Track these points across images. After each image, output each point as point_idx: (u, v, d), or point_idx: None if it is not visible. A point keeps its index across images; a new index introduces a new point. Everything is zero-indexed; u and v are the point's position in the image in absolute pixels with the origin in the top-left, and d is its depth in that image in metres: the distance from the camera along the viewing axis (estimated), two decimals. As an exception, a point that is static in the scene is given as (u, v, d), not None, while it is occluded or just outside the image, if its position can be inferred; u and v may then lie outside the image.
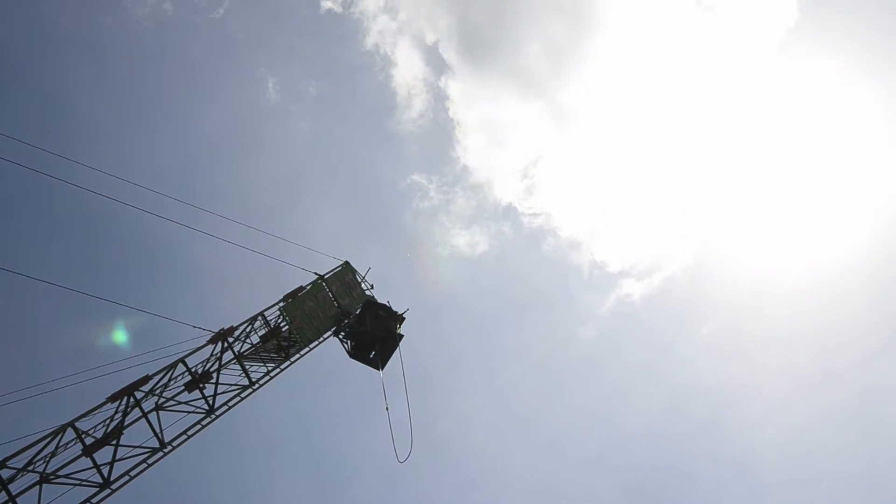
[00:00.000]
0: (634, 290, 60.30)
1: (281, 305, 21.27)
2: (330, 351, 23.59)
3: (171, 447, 17.03)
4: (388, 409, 22.84)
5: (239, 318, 20.14)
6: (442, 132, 60.17)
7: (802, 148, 60.34)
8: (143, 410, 16.83)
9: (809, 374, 54.49)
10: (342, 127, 59.99)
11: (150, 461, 16.45)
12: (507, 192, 66.69)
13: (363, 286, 25.35)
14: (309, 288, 22.49)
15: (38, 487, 14.91)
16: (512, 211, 61.60)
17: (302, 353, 21.35)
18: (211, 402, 18.23)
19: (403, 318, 24.91)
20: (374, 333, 24.00)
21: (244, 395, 19.15)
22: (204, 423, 17.94)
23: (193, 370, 18.42)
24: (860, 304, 54.12)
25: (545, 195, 64.14)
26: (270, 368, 20.38)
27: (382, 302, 25.19)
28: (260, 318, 20.82)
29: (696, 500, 52.22)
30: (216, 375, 18.68)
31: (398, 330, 24.83)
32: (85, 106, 49.39)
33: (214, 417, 18.21)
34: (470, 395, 56.74)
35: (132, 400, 16.80)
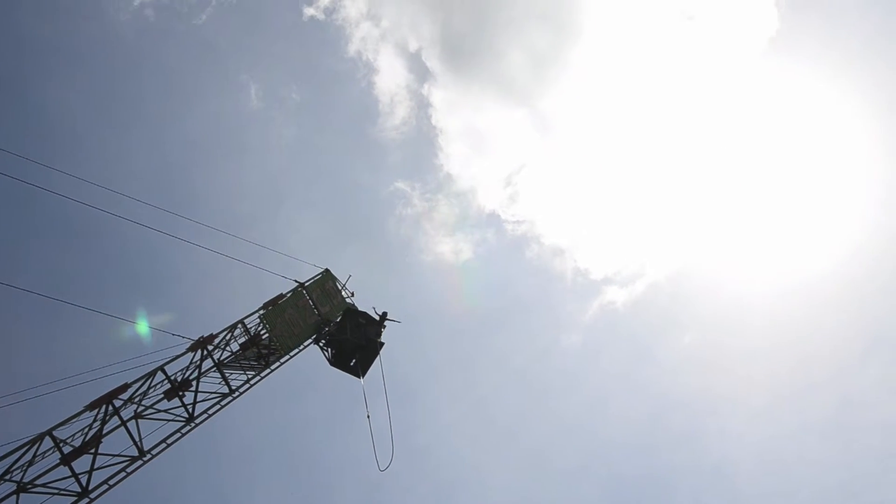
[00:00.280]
0: (617, 297, 60.86)
1: (261, 313, 21.27)
2: (310, 359, 23.64)
3: (150, 455, 16.94)
4: (368, 416, 22.89)
5: (219, 325, 20.16)
6: (425, 139, 60.50)
7: (784, 156, 61.46)
8: (121, 419, 16.72)
9: (789, 383, 55.30)
10: (324, 133, 60.13)
11: (129, 469, 16.35)
12: (490, 199, 67.20)
13: (344, 294, 25.43)
14: (289, 296, 22.53)
15: (15, 497, 14.76)
16: (495, 218, 62.02)
17: (282, 360, 21.37)
18: (191, 410, 18.18)
19: (386, 314, 25.01)
20: (354, 341, 24.05)
21: (224, 402, 19.12)
22: (184, 431, 17.87)
23: (173, 378, 18.35)
24: (839, 313, 55.03)
25: (528, 203, 64.69)
26: (250, 376, 20.36)
27: (363, 310, 25.29)
28: (240, 325, 20.81)
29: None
30: (196, 383, 18.62)
31: (381, 334, 24.98)
32: (65, 112, 49.09)
33: (194, 426, 18.15)
34: (451, 402, 56.88)
35: (111, 408, 16.69)
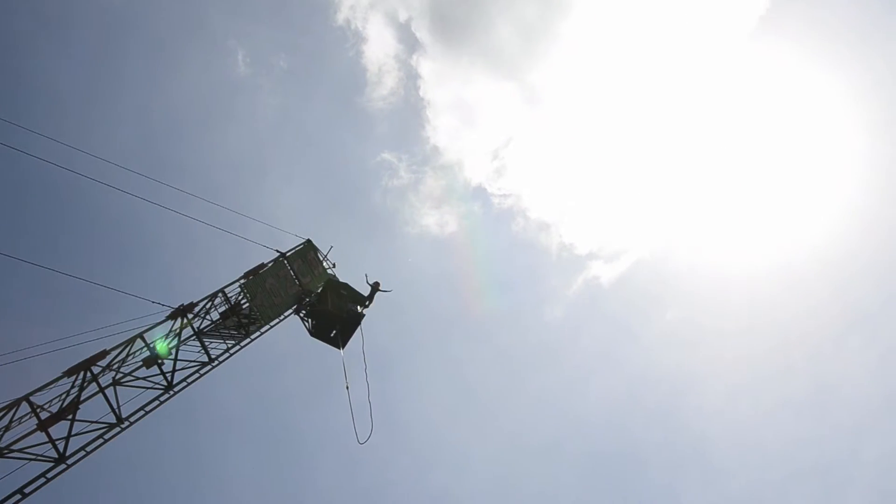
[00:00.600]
0: (602, 272, 61.20)
1: (242, 282, 21.20)
2: (290, 329, 23.68)
3: (128, 423, 16.92)
4: (348, 387, 23.03)
5: (199, 294, 20.08)
6: (412, 111, 60.09)
7: (769, 136, 61.59)
8: (100, 385, 16.67)
9: (767, 362, 56.14)
10: (311, 102, 59.44)
11: (106, 437, 16.34)
12: (477, 172, 66.89)
13: (325, 265, 25.39)
14: (270, 265, 22.46)
15: (-9, 461, 14.79)
16: (482, 192, 61.91)
17: (262, 330, 21.36)
18: (169, 378, 18.13)
19: (378, 284, 25.16)
20: (335, 312, 24.09)
21: (203, 371, 19.11)
22: (162, 399, 17.85)
23: (152, 346, 18.34)
24: (818, 294, 55.78)
25: (515, 176, 64.62)
26: (230, 345, 20.35)
27: (345, 281, 25.31)
28: (220, 294, 20.73)
29: (651, 484, 53.48)
30: (175, 351, 18.62)
31: (372, 302, 25.10)
32: (45, 76, 48.08)
33: (173, 394, 18.13)
34: (432, 376, 57.23)
35: (89, 375, 16.63)
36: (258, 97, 56.99)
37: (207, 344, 19.66)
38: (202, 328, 19.81)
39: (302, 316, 24.01)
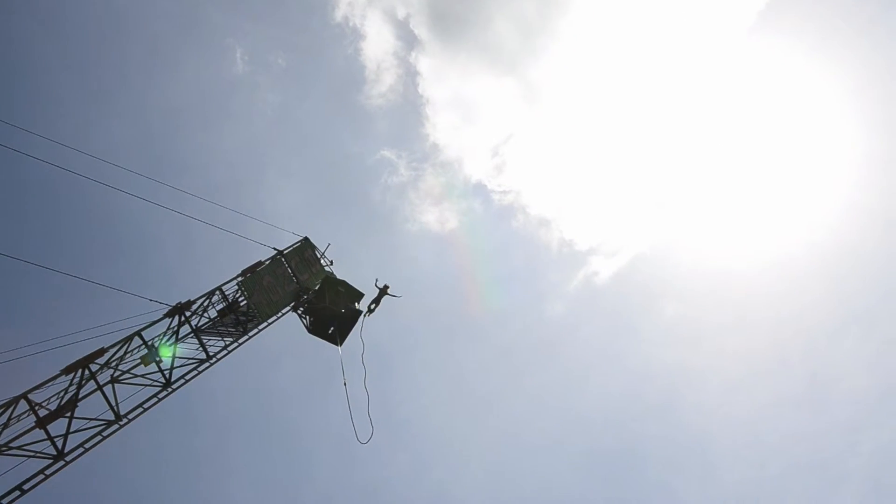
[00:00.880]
0: (602, 268, 61.20)
1: (239, 280, 21.28)
2: (289, 327, 23.76)
3: (126, 420, 17.01)
4: (346, 384, 23.08)
5: (197, 292, 20.16)
6: (411, 108, 60.09)
7: (767, 132, 61.63)
8: (98, 383, 16.75)
9: (765, 357, 56.26)
10: (310, 100, 59.46)
11: (105, 433, 16.42)
12: (477, 169, 67.04)
13: (323, 262, 25.47)
14: (267, 263, 22.53)
15: (-10, 459, 14.86)
16: (482, 188, 61.86)
17: (260, 327, 21.44)
18: (168, 375, 18.24)
19: (387, 287, 25.30)
20: (333, 309, 24.17)
21: (201, 368, 19.20)
22: (160, 396, 17.94)
23: (150, 343, 18.42)
24: (815, 289, 55.88)
25: (515, 173, 64.53)
26: (228, 343, 20.44)
27: (342, 278, 25.37)
28: (218, 292, 20.82)
29: (649, 479, 53.63)
30: (173, 349, 18.70)
31: (378, 305, 25.24)
32: (42, 74, 48.12)
33: (171, 391, 18.22)
34: (431, 373, 57.34)
35: (87, 372, 16.71)
36: (256, 95, 57.13)
37: (205, 341, 19.75)
38: (200, 326, 19.88)
39: (300, 313, 24.09)
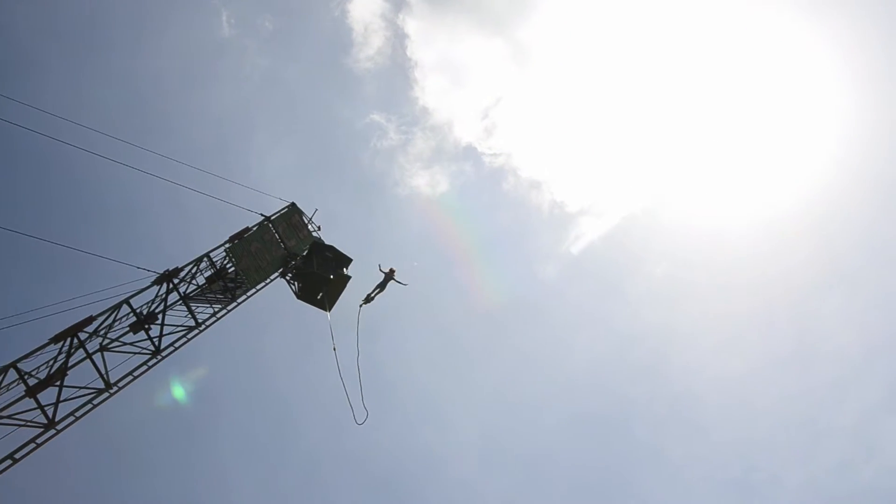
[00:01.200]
0: (593, 229, 61.24)
1: (227, 247, 21.20)
2: (277, 292, 23.76)
3: (116, 388, 17.06)
4: (335, 349, 23.21)
5: (184, 259, 20.08)
6: (400, 71, 59.13)
7: (756, 92, 61.17)
8: (87, 351, 16.75)
9: (751, 317, 56.87)
10: (297, 63, 58.50)
11: (95, 402, 16.48)
12: (467, 132, 66.35)
13: (310, 227, 25.39)
14: (255, 229, 22.43)
15: (-20, 428, 14.90)
16: (472, 151, 61.31)
17: (248, 294, 21.44)
18: (157, 343, 18.26)
19: (393, 272, 25.30)
20: (321, 275, 24.16)
21: (190, 336, 19.22)
22: (150, 363, 17.99)
23: (138, 311, 18.38)
24: (802, 249, 56.20)
25: (506, 135, 63.80)
26: (217, 309, 20.45)
27: (330, 244, 25.32)
28: (206, 259, 20.76)
29: (636, 440, 54.43)
30: (162, 316, 18.67)
31: (383, 290, 25.31)
32: (24, 39, 46.97)
33: (160, 358, 18.27)
34: (418, 335, 57.60)
35: (76, 341, 16.70)
36: (243, 58, 56.01)
37: (194, 308, 19.74)
38: (188, 293, 19.85)
39: (288, 279, 24.08)
